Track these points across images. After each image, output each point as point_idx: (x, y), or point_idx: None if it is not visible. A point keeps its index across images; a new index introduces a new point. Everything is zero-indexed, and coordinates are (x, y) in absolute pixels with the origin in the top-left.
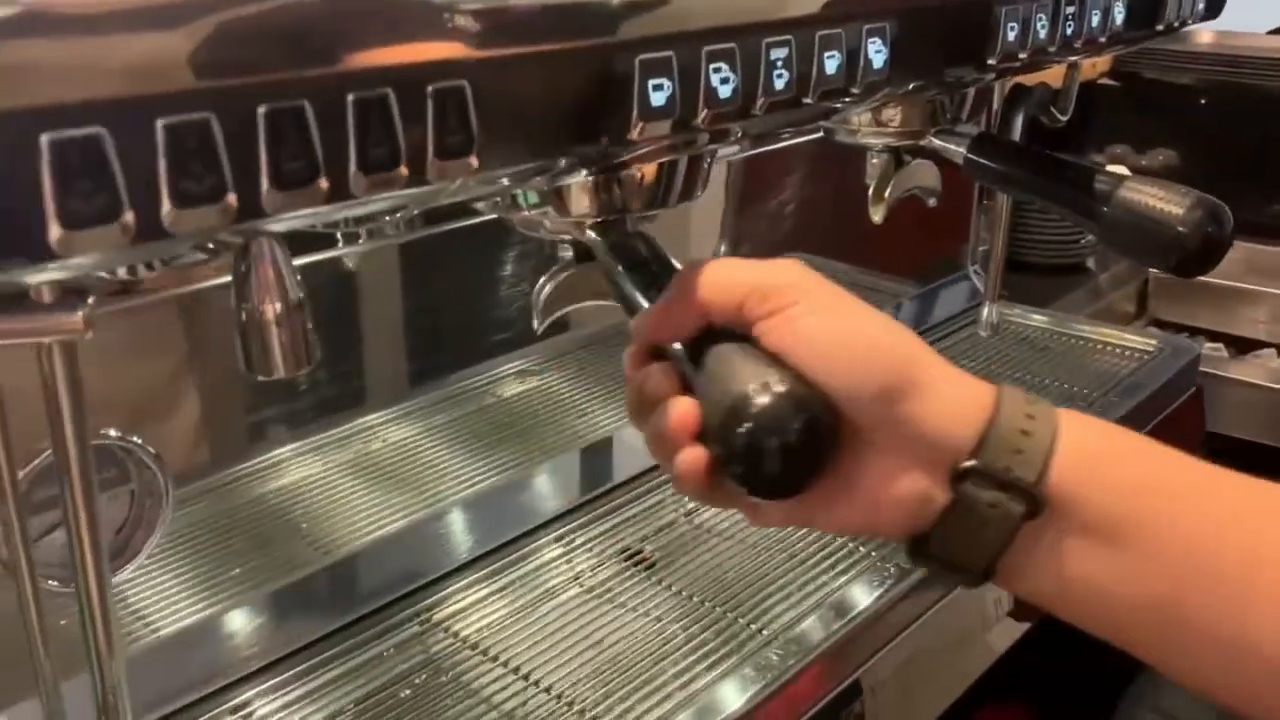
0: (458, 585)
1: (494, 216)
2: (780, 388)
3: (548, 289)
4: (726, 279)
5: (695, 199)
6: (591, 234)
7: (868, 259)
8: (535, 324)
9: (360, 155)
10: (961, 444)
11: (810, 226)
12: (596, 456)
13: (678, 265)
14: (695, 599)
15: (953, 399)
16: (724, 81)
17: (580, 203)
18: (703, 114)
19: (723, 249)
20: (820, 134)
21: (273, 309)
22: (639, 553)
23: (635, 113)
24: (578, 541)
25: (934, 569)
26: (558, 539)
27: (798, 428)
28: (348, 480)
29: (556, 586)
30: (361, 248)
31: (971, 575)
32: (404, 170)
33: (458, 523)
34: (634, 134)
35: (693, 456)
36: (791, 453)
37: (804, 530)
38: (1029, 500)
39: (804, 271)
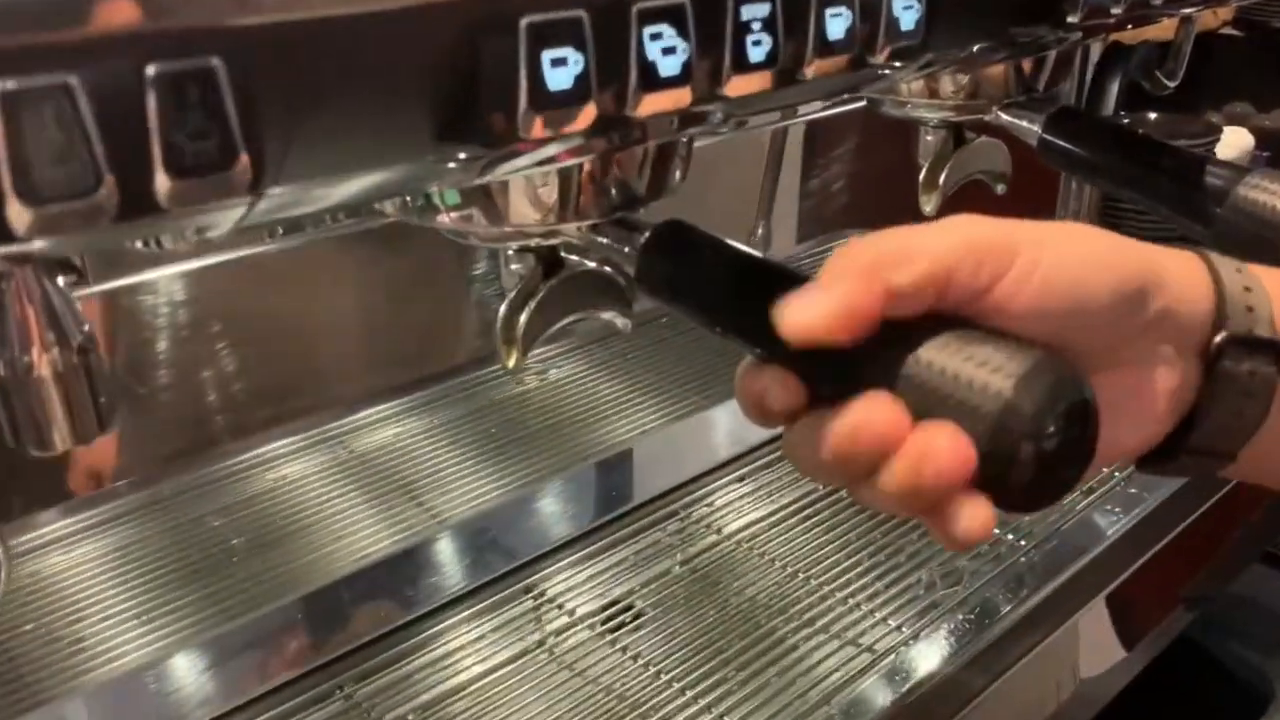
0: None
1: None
2: (1050, 375)
3: (522, 320)
4: (921, 251)
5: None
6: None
7: None
8: (507, 363)
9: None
10: (1206, 318)
11: (863, 207)
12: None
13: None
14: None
15: (1183, 273)
16: (667, 53)
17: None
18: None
19: (760, 231)
20: (863, 103)
21: (46, 360)
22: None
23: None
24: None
25: (1174, 470)
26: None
27: (1079, 419)
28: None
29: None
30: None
31: (1221, 461)
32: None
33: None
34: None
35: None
36: (1076, 449)
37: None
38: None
39: (995, 221)
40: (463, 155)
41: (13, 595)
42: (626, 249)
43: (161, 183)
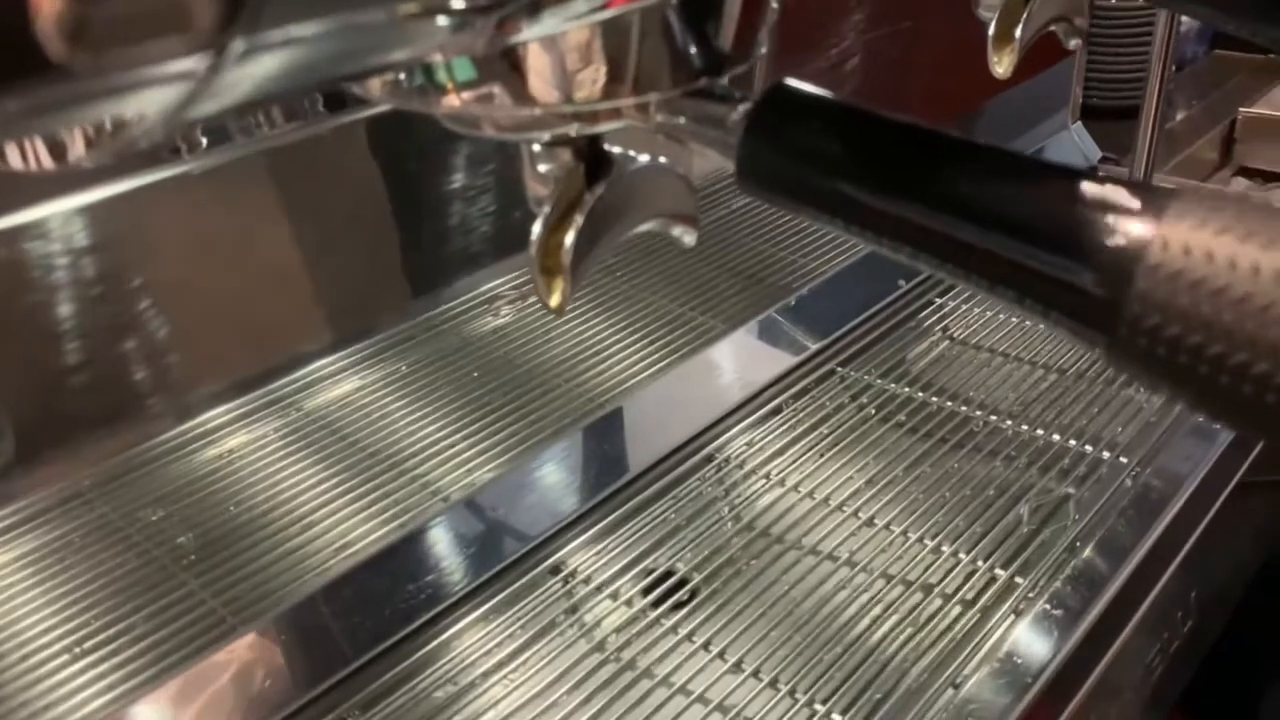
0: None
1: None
2: None
3: (569, 241)
4: None
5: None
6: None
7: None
8: (549, 300)
9: None
10: None
11: (870, 85)
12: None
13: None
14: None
15: None
16: None
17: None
18: None
19: None
20: None
21: None
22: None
23: None
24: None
25: None
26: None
27: None
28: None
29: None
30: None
31: None
32: None
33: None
34: None
35: None
36: None
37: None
38: None
39: None
40: None
41: None
42: (716, 131)
43: (65, 18)
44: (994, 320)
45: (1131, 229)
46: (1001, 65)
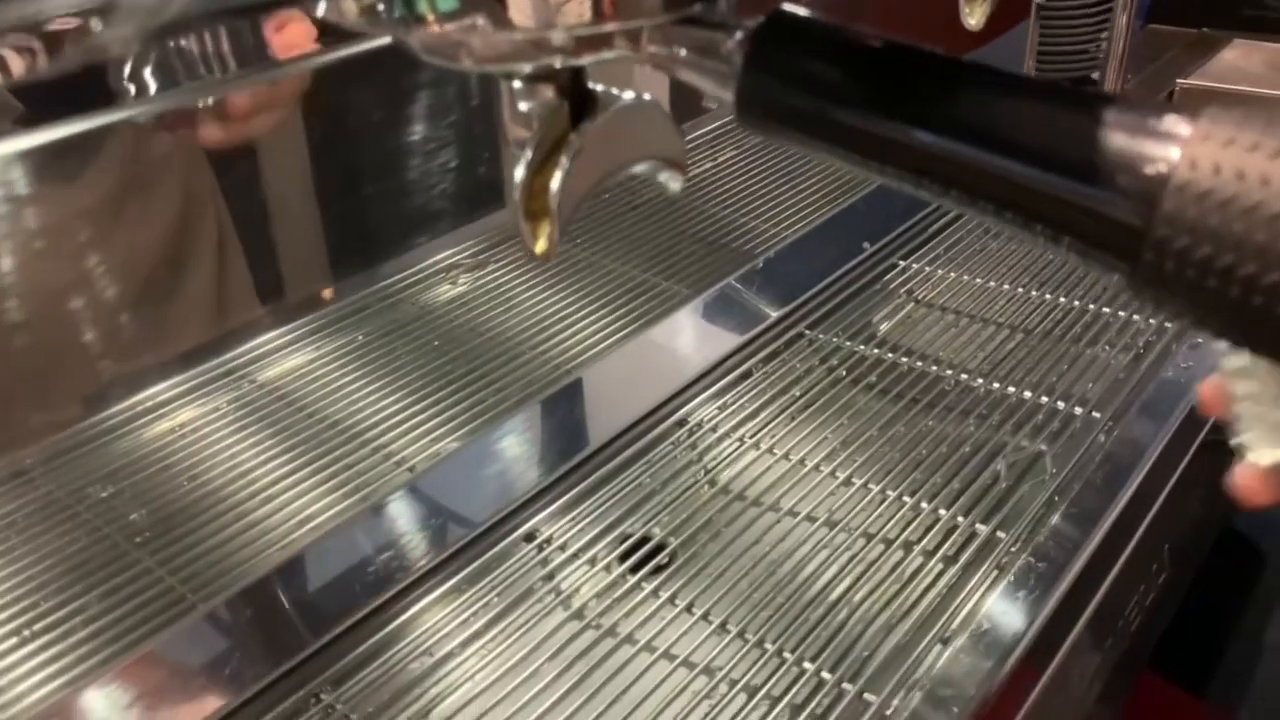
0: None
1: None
2: None
3: (555, 183)
4: None
5: None
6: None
7: None
8: (535, 246)
9: None
10: None
11: None
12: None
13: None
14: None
15: None
16: None
17: None
18: None
19: None
20: None
21: None
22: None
23: None
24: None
25: None
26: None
27: None
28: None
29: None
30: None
31: None
32: None
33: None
34: None
35: None
36: None
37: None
38: None
39: None
40: None
41: None
42: (713, 60)
43: None
44: (958, 283)
45: (1156, 149)
46: (974, 18)
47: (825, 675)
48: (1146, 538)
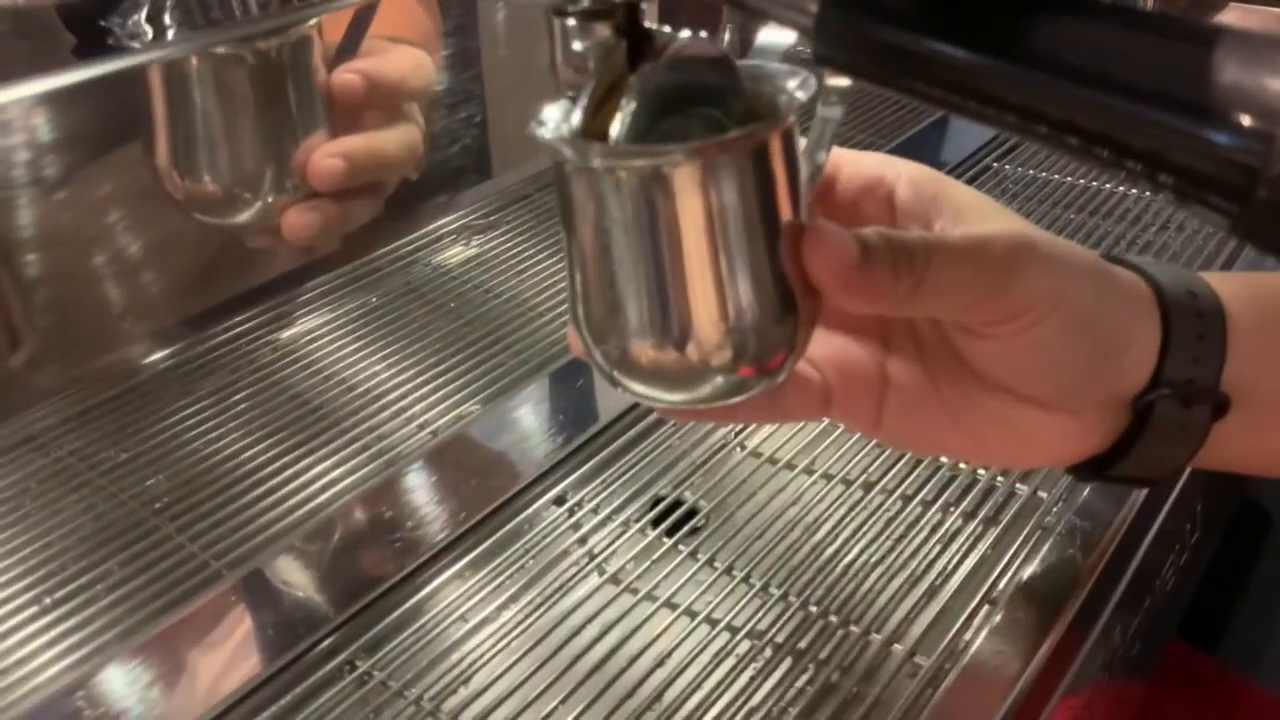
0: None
1: None
2: None
3: (617, 127)
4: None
5: None
6: None
7: None
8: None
9: None
10: (1145, 374)
11: None
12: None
13: None
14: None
15: (1136, 331)
16: None
17: None
18: None
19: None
20: None
21: None
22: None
23: None
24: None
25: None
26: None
27: None
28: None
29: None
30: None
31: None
32: None
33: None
34: None
35: None
36: None
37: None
38: (1216, 406)
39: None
40: None
41: None
42: None
43: None
44: None
45: (1274, 82)
46: None
47: (874, 636)
48: (1183, 493)
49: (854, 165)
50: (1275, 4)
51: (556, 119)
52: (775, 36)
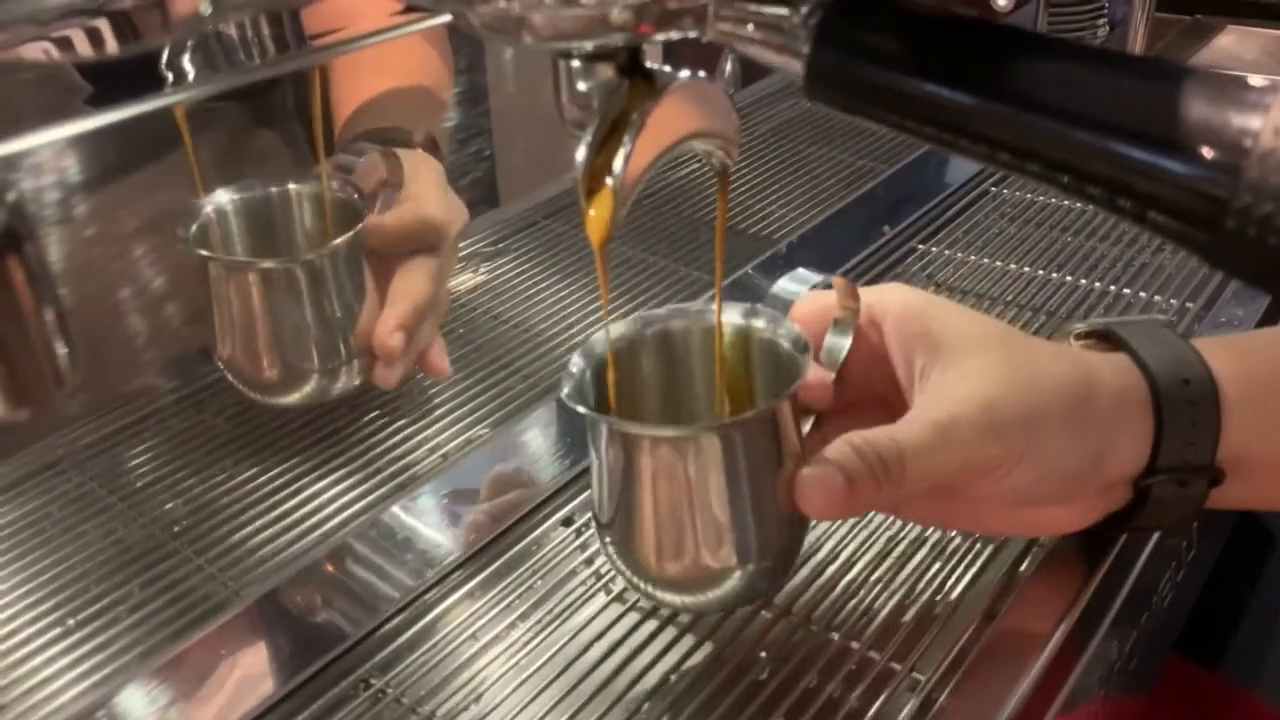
0: None
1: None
2: None
3: (620, 161)
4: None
5: None
6: None
7: None
8: (596, 226)
9: None
10: (1140, 461)
11: None
12: None
13: None
14: None
15: (1124, 430)
16: None
17: None
18: None
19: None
20: None
21: None
22: None
23: None
24: None
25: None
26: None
27: None
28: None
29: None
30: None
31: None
32: None
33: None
34: None
35: None
36: None
37: None
38: (1212, 477)
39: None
40: None
41: None
42: (780, 37)
43: None
44: (978, 266)
45: (1238, 119)
46: None
47: (873, 654)
48: None
49: None
50: (1273, 26)
51: (581, 366)
52: (791, 284)
